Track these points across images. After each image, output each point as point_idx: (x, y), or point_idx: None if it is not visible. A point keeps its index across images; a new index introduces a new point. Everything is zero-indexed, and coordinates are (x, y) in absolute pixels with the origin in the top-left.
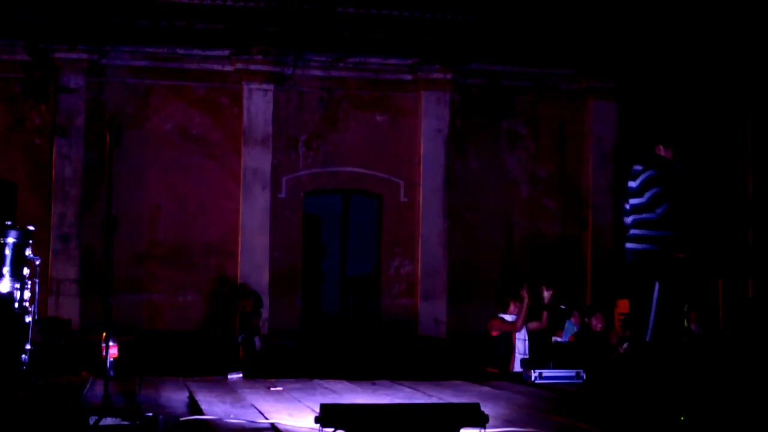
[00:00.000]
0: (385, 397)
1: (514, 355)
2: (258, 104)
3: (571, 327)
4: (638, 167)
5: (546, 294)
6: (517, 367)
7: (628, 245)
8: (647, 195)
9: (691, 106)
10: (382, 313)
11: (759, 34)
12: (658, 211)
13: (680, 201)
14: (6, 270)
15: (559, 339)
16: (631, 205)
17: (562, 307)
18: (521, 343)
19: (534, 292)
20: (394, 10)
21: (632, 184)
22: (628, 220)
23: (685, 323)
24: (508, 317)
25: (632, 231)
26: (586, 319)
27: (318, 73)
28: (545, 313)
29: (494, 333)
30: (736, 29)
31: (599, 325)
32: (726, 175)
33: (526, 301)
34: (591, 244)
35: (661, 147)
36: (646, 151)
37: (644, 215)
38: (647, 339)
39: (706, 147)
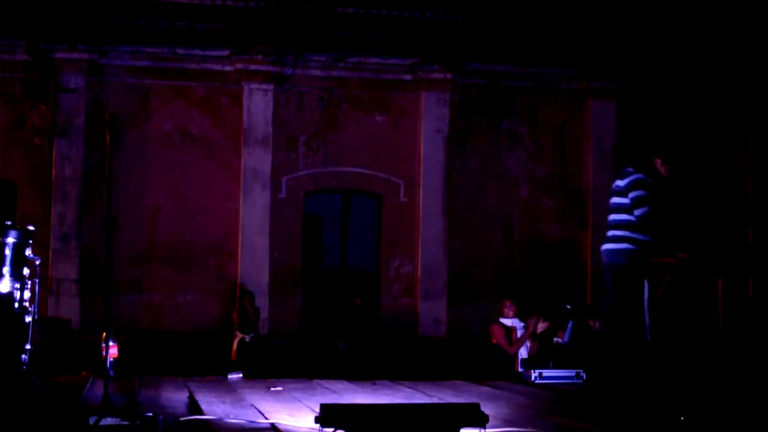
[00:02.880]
0: (385, 397)
1: (517, 360)
2: (258, 104)
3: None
4: (630, 169)
5: (541, 325)
6: (519, 368)
7: (608, 246)
8: (631, 196)
9: (691, 107)
10: (382, 313)
11: (759, 35)
12: (637, 213)
13: (661, 210)
14: (6, 270)
15: (560, 340)
16: (614, 204)
17: (568, 307)
18: (523, 347)
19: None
20: (394, 10)
21: (619, 183)
22: (609, 218)
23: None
24: (508, 321)
25: (611, 232)
26: (590, 321)
27: (318, 73)
28: (536, 344)
29: (494, 340)
30: (736, 30)
31: (599, 326)
32: (726, 175)
33: (531, 330)
34: (591, 244)
35: (659, 161)
36: (644, 157)
37: (624, 216)
38: (648, 338)
39: (706, 148)
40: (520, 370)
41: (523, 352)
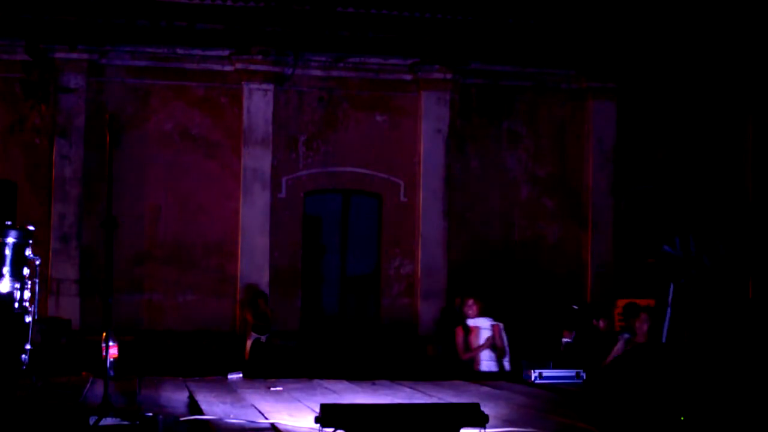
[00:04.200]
0: (385, 397)
1: (477, 363)
2: (258, 104)
3: None
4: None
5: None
6: (484, 367)
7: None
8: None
9: (691, 106)
10: (382, 313)
11: (759, 34)
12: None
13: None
14: (6, 270)
15: (568, 340)
16: None
17: (575, 307)
18: (487, 353)
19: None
20: (394, 10)
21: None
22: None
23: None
24: (471, 321)
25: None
26: (594, 321)
27: (318, 73)
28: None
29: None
30: (736, 30)
31: (604, 325)
32: (726, 175)
33: (490, 342)
34: (591, 244)
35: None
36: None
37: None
38: (663, 340)
39: (706, 147)
40: (482, 369)
41: (485, 357)
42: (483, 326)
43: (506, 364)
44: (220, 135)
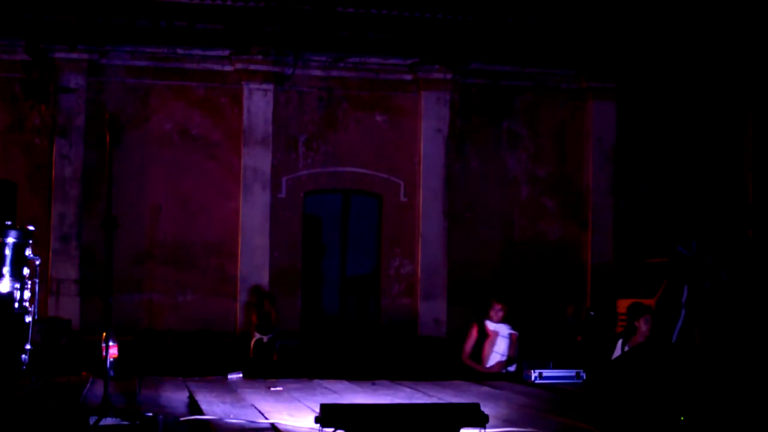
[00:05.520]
0: (385, 397)
1: (490, 355)
2: (258, 104)
3: None
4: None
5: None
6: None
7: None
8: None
9: (691, 106)
10: (382, 313)
11: (759, 34)
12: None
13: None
14: (6, 270)
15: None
16: None
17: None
18: (503, 340)
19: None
20: (394, 10)
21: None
22: None
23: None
24: (491, 325)
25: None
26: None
27: (318, 73)
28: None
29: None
30: (736, 29)
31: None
32: (726, 175)
33: (496, 367)
34: (591, 244)
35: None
36: None
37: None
38: (673, 340)
39: (706, 147)
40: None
41: (494, 358)
42: (502, 333)
43: (510, 370)
44: (220, 135)
